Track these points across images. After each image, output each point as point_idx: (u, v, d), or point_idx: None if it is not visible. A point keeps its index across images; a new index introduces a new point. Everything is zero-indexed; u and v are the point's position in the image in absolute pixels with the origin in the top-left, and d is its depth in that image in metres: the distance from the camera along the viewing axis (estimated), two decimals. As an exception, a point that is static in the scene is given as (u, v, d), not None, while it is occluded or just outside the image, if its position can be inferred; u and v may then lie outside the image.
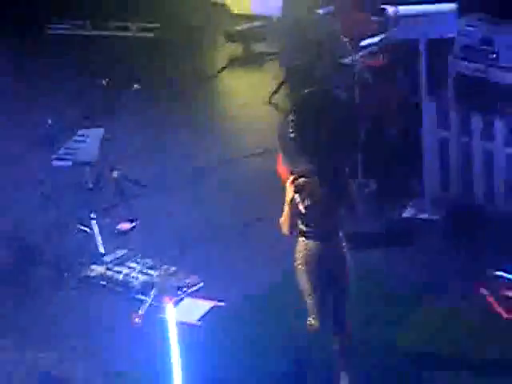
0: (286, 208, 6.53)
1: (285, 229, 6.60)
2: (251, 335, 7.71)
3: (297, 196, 6.50)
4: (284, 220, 6.57)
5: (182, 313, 7.61)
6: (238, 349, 7.56)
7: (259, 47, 11.73)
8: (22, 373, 7.57)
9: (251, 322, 7.88)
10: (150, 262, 8.47)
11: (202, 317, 7.92)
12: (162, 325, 6.84)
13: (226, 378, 7.27)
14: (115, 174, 9.13)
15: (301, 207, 6.49)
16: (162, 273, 6.77)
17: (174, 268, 6.91)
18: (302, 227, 6.61)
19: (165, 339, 6.71)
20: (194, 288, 8.19)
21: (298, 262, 6.69)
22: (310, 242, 6.63)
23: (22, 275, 8.57)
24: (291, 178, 6.52)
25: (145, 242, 8.80)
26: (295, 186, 6.47)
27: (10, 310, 8.22)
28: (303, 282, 6.69)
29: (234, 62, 11.71)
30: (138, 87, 10.73)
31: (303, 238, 6.65)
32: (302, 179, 6.49)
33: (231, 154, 10.09)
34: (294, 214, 6.53)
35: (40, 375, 7.53)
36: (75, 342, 7.79)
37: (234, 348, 7.56)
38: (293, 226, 6.58)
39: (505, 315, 7.68)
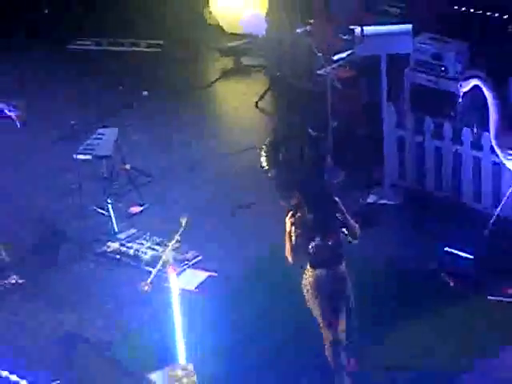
0: (286, 241, 6.27)
1: (290, 259, 6.32)
2: (240, 300, 7.72)
3: (293, 229, 6.21)
4: (287, 252, 6.28)
5: (183, 281, 7.59)
6: (228, 310, 7.59)
7: (247, 60, 11.67)
8: (49, 331, 7.57)
9: (241, 289, 7.87)
10: (156, 239, 8.46)
11: (199, 285, 7.93)
12: (166, 291, 6.81)
13: (218, 332, 7.29)
14: (127, 165, 9.10)
15: (293, 239, 6.19)
16: (167, 248, 6.73)
17: (177, 244, 6.91)
18: (307, 256, 6.28)
19: (168, 303, 6.72)
20: (194, 261, 8.19)
21: (307, 289, 6.35)
22: (316, 270, 6.28)
23: (50, 250, 8.54)
24: (288, 214, 6.23)
25: (152, 223, 8.79)
26: (290, 221, 6.19)
27: (41, 279, 8.18)
28: (315, 309, 6.37)
29: (226, 73, 11.65)
30: (146, 94, 10.72)
31: (308, 267, 6.33)
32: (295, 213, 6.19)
33: (225, 149, 10.03)
34: (295, 245, 6.23)
35: (65, 334, 7.50)
36: (94, 306, 7.80)
37: (224, 309, 7.60)
38: (296, 256, 6.28)
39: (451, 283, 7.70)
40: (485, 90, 7.91)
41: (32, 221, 8.86)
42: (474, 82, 7.94)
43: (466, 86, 7.99)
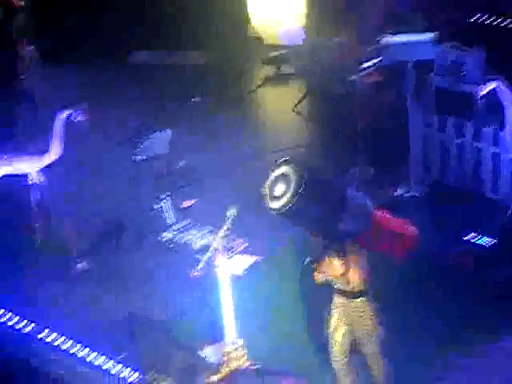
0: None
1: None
2: (286, 282, 7.75)
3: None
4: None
5: (231, 267, 7.62)
6: (274, 291, 7.65)
7: (286, 69, 11.71)
8: (114, 311, 7.69)
9: (287, 272, 7.89)
10: (207, 229, 8.53)
11: (247, 269, 8.00)
12: (216, 276, 6.88)
13: (265, 311, 7.33)
14: (180, 163, 9.19)
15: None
16: (217, 237, 6.78)
17: (225, 233, 6.96)
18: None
19: (218, 286, 6.79)
20: (241, 248, 8.24)
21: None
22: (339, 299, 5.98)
23: (113, 239, 8.64)
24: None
25: (202, 215, 8.86)
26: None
27: (106, 265, 8.31)
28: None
29: (267, 81, 11.71)
30: (198, 99, 10.81)
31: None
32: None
33: (267, 148, 10.06)
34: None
35: (129, 313, 7.62)
36: (153, 288, 7.89)
37: (270, 291, 7.66)
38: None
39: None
40: (502, 92, 7.90)
41: (98, 213, 8.97)
42: (493, 85, 7.94)
43: (485, 89, 7.99)
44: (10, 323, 7.48)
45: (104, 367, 6.94)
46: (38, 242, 8.40)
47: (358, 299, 5.91)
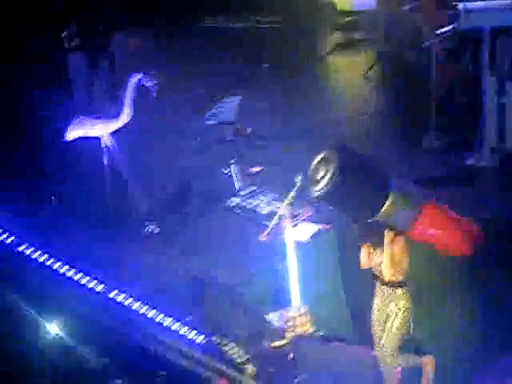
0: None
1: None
2: (350, 250, 7.63)
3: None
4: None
5: (297, 233, 7.62)
6: (337, 258, 7.56)
7: (358, 35, 11.52)
8: (181, 274, 7.74)
9: (349, 239, 7.81)
10: (273, 195, 8.51)
11: (311, 236, 7.94)
12: (282, 242, 6.88)
13: (329, 277, 7.27)
14: (248, 130, 9.17)
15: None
16: (283, 203, 6.76)
17: (292, 200, 6.92)
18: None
19: (284, 252, 6.77)
20: (307, 215, 8.18)
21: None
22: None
23: (183, 204, 8.69)
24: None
25: (269, 181, 8.83)
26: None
27: (175, 229, 8.38)
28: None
29: (338, 47, 11.54)
30: (267, 66, 10.75)
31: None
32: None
33: (336, 115, 9.96)
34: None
35: (195, 276, 7.66)
36: (219, 253, 7.93)
37: (334, 258, 7.57)
38: None
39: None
40: None
41: (168, 178, 9.05)
42: None
43: None
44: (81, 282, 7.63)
45: (172, 328, 7.01)
46: (109, 204, 8.49)
47: (394, 290, 5.82)
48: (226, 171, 8.89)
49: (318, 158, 5.32)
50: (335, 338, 6.77)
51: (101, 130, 8.35)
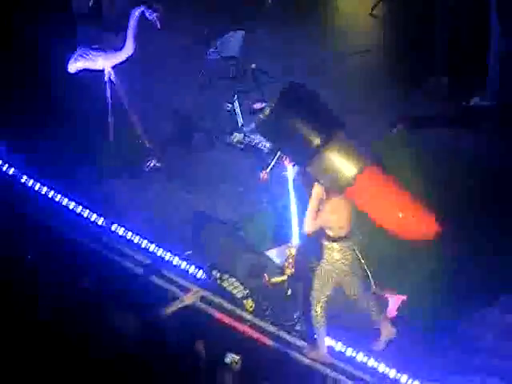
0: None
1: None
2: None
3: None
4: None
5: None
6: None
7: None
8: (182, 210, 7.75)
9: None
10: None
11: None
12: (283, 180, 6.86)
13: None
14: (252, 65, 9.03)
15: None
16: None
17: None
18: None
19: (285, 190, 6.77)
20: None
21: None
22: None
23: (185, 139, 8.62)
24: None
25: None
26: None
27: (177, 164, 8.34)
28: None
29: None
30: (270, 2, 10.48)
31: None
32: None
33: (341, 52, 9.77)
34: None
35: (196, 213, 7.68)
36: (221, 189, 7.93)
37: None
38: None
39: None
40: None
41: (170, 113, 8.96)
42: None
43: None
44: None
45: (173, 263, 7.07)
46: (111, 138, 8.44)
47: (330, 243, 5.76)
48: (228, 107, 8.75)
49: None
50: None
51: (103, 62, 8.24)
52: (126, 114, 8.30)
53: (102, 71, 8.27)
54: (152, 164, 8.31)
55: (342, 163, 5.05)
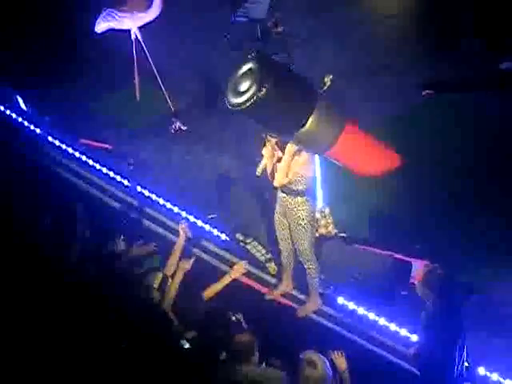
0: None
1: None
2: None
3: None
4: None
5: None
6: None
7: None
8: (207, 171, 7.68)
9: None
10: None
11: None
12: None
13: (348, 181, 7.02)
14: (279, 28, 8.82)
15: None
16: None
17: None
18: None
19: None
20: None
21: None
22: None
23: (210, 100, 8.45)
24: None
25: None
26: None
27: (202, 126, 8.24)
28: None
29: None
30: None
31: None
32: None
33: (368, 16, 9.50)
34: None
35: (221, 175, 7.62)
36: (247, 152, 7.73)
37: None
38: None
39: None
40: None
41: (195, 75, 8.89)
42: None
43: None
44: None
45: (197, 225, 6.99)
46: (138, 98, 8.34)
47: (292, 198, 5.87)
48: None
49: (244, 68, 5.02)
50: (357, 239, 6.68)
51: (130, 23, 8.12)
52: (152, 74, 8.16)
53: (129, 31, 8.15)
54: (177, 126, 8.21)
55: (321, 131, 5.12)
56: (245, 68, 5.00)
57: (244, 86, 4.90)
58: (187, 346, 5.07)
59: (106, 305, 5.21)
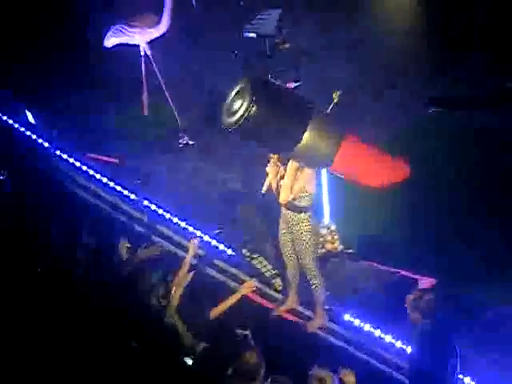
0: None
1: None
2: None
3: None
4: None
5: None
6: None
7: None
8: (215, 188, 7.69)
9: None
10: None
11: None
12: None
13: (355, 197, 7.00)
14: (286, 45, 8.84)
15: None
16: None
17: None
18: None
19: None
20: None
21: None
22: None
23: (217, 117, 8.48)
24: None
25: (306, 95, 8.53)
26: None
27: (209, 142, 8.20)
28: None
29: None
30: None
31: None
32: None
33: (380, 30, 9.46)
34: None
35: (229, 191, 7.62)
36: (254, 169, 7.67)
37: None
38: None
39: None
40: None
41: (202, 91, 8.87)
42: None
43: None
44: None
45: (205, 239, 6.97)
46: (145, 113, 8.36)
47: (295, 214, 5.91)
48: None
49: (236, 88, 5.06)
50: (363, 256, 6.66)
51: (139, 38, 8.18)
52: (161, 89, 8.18)
53: (138, 46, 8.18)
54: (185, 141, 8.22)
55: (319, 146, 5.09)
56: (237, 88, 5.03)
57: (236, 106, 4.93)
58: (190, 362, 5.06)
59: (111, 314, 5.23)
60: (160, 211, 7.30)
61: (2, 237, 6.09)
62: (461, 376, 5.38)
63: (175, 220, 7.19)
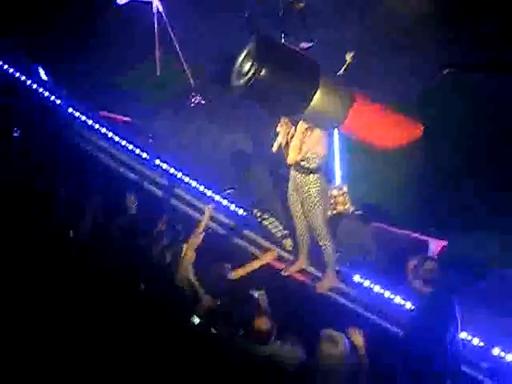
0: None
1: None
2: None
3: None
4: None
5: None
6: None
7: None
8: (224, 147, 7.65)
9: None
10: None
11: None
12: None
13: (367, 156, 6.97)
14: (301, 4, 8.70)
15: None
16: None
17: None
18: None
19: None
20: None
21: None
22: None
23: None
24: None
25: (319, 56, 8.23)
26: None
27: (220, 102, 8.10)
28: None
29: None
30: None
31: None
32: None
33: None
34: None
35: (238, 151, 7.59)
36: (265, 129, 7.65)
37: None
38: None
39: None
40: None
41: (213, 52, 8.78)
42: None
43: None
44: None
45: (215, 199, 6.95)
46: (158, 73, 8.29)
47: (304, 176, 5.84)
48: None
49: (245, 50, 5.02)
50: (373, 217, 6.65)
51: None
52: (173, 48, 8.11)
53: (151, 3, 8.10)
54: (196, 100, 8.15)
55: (329, 107, 5.07)
56: (246, 50, 4.99)
57: (245, 68, 4.88)
58: (197, 320, 5.10)
59: (123, 276, 5.26)
60: (171, 170, 7.28)
61: (14, 195, 6.12)
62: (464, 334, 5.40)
63: (186, 179, 7.18)
